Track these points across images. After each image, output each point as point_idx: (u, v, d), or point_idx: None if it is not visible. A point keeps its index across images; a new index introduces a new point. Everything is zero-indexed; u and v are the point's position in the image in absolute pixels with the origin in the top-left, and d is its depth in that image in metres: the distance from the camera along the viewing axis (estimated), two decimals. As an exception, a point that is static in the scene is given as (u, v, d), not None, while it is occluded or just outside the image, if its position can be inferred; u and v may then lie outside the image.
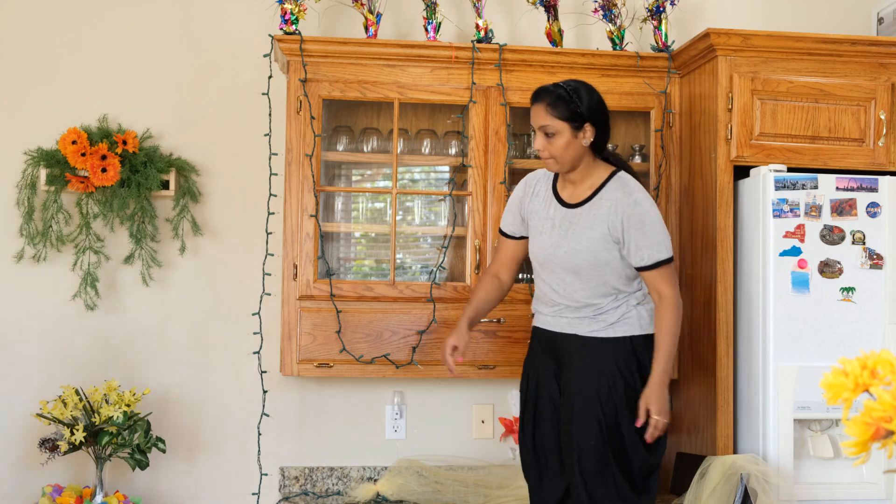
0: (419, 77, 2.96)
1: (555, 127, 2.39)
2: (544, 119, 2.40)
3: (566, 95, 2.39)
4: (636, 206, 2.39)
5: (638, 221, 2.39)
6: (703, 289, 2.87)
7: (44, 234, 2.99)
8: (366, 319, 2.92)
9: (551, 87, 2.43)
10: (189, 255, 3.11)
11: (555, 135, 2.40)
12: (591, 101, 2.42)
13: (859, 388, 1.05)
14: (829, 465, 2.70)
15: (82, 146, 2.96)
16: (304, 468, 3.12)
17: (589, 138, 2.41)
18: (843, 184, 2.73)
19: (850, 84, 2.84)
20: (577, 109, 2.39)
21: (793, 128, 2.82)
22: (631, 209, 2.39)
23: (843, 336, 2.69)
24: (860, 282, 2.71)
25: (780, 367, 2.66)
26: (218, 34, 3.17)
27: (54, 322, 3.05)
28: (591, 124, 2.41)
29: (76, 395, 2.80)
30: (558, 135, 2.39)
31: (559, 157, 2.42)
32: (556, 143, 2.40)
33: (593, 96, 2.43)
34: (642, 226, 2.39)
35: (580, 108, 2.39)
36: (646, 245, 2.39)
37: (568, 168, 2.45)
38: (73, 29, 3.12)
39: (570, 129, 2.39)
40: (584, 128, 2.40)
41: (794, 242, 2.69)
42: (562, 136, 2.39)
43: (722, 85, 2.80)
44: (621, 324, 2.44)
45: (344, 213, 3.18)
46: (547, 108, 2.40)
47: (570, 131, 2.39)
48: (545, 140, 2.41)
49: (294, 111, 2.89)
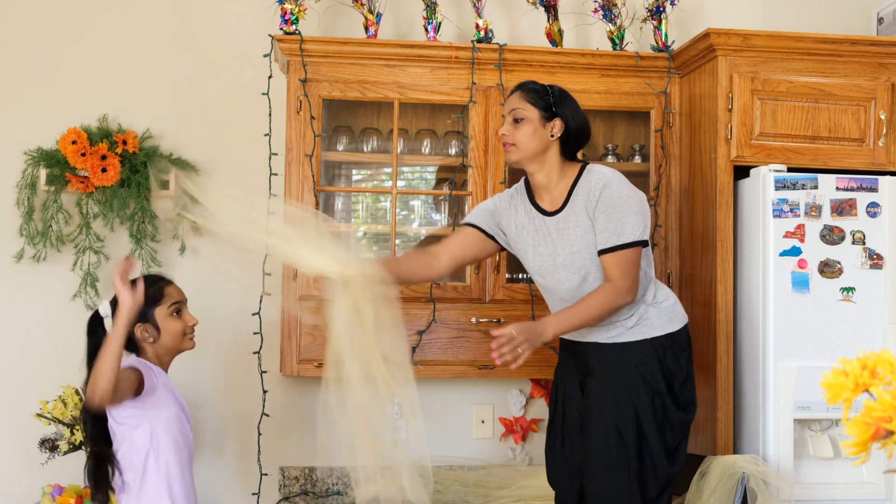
0: (419, 77, 2.96)
1: (525, 112, 2.36)
2: (517, 103, 2.38)
3: (542, 90, 2.39)
4: (605, 188, 2.33)
5: (605, 204, 2.32)
6: (702, 289, 2.87)
7: (44, 234, 3.00)
8: None
9: (531, 83, 2.43)
10: (189, 255, 3.11)
11: (523, 120, 2.36)
12: (569, 104, 2.40)
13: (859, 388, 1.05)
14: (829, 465, 2.69)
15: (82, 146, 2.96)
16: (304, 468, 3.12)
17: (556, 132, 2.37)
18: (843, 184, 2.72)
19: (850, 84, 2.84)
20: (551, 103, 2.37)
21: (793, 128, 2.82)
22: (599, 191, 2.33)
23: (843, 336, 2.68)
24: (860, 282, 2.70)
25: (780, 367, 2.65)
26: (218, 34, 3.17)
27: (54, 322, 3.05)
28: (562, 121, 2.38)
29: (76, 395, 2.78)
30: (526, 121, 2.36)
31: (521, 144, 2.36)
32: (523, 128, 2.36)
33: (572, 102, 2.42)
34: (608, 208, 2.31)
35: (556, 105, 2.37)
36: (608, 227, 2.31)
37: (527, 158, 2.38)
38: (72, 29, 3.13)
39: (540, 117, 2.36)
40: (553, 121, 2.37)
41: (794, 242, 2.69)
42: (530, 122, 2.36)
43: (722, 85, 2.80)
44: (640, 326, 2.37)
45: (344, 213, 3.18)
46: (523, 94, 2.39)
47: (539, 119, 2.36)
48: (512, 126, 2.38)
49: (294, 111, 2.90)
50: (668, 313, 2.40)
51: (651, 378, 2.34)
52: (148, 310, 2.28)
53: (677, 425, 2.37)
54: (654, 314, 2.38)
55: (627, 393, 2.33)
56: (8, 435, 3.01)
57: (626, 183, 2.37)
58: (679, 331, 2.41)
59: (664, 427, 2.34)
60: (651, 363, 2.35)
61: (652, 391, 2.33)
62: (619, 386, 2.34)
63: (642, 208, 2.35)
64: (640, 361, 2.35)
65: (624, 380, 2.34)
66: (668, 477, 2.35)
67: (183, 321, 2.35)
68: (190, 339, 2.36)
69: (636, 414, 2.32)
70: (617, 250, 2.30)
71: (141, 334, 2.30)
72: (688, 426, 2.40)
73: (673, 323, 2.40)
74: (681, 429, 2.38)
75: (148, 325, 2.30)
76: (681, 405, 2.37)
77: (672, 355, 2.37)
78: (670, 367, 2.36)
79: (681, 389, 2.37)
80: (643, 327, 2.37)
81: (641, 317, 2.37)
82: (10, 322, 3.06)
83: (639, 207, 2.34)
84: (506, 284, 2.97)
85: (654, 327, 2.37)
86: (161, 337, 2.31)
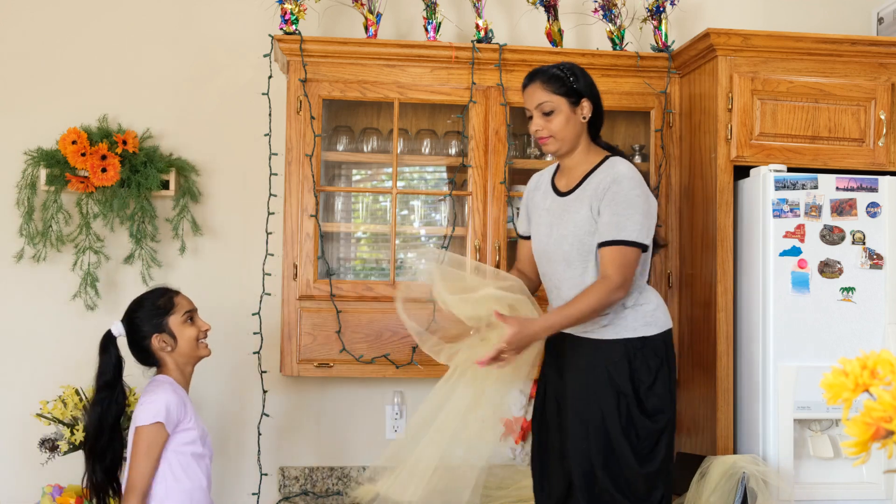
0: (419, 77, 2.96)
1: (553, 103, 2.33)
2: (541, 96, 2.33)
3: (560, 73, 2.35)
4: (616, 183, 2.29)
5: (611, 199, 2.28)
6: (702, 289, 2.87)
7: (44, 234, 3.00)
8: (366, 319, 2.92)
9: (544, 67, 2.38)
10: (189, 254, 3.11)
11: (553, 112, 2.33)
12: (585, 78, 2.38)
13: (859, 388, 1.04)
14: (829, 465, 2.69)
15: (82, 146, 2.96)
16: (304, 468, 3.12)
17: (587, 114, 2.35)
18: (843, 184, 2.72)
19: (850, 84, 2.84)
20: (573, 85, 2.34)
21: (793, 128, 2.82)
22: (608, 185, 2.30)
23: (843, 336, 2.67)
24: (860, 282, 2.70)
25: (780, 367, 2.65)
26: (218, 34, 3.17)
27: (54, 322, 3.06)
28: (588, 99, 2.35)
29: (76, 395, 2.78)
30: (557, 111, 2.33)
31: (558, 135, 2.33)
32: (555, 120, 2.33)
33: (586, 75, 2.39)
34: (614, 203, 2.27)
35: (576, 83, 2.34)
36: (611, 222, 2.27)
37: (568, 147, 2.36)
38: (72, 28, 3.12)
39: (568, 104, 2.33)
40: (581, 103, 2.34)
41: (794, 242, 2.69)
42: (560, 111, 2.33)
43: (722, 85, 2.80)
44: (614, 326, 2.32)
45: (344, 212, 3.18)
46: (543, 85, 2.34)
47: (568, 106, 2.33)
48: (543, 119, 2.34)
49: (294, 111, 2.89)
50: (646, 317, 2.34)
51: (618, 378, 2.29)
52: (162, 320, 2.36)
53: (643, 431, 2.29)
54: (630, 316, 2.32)
55: (595, 390, 2.30)
56: (8, 435, 3.01)
57: (640, 184, 2.32)
58: (655, 336, 2.34)
59: (629, 430, 2.28)
60: (621, 363, 2.29)
61: (617, 392, 2.28)
62: (589, 382, 2.31)
63: (649, 212, 2.31)
64: (611, 360, 2.30)
65: (593, 376, 2.31)
66: (647, 478, 2.28)
67: (196, 327, 2.42)
68: (205, 347, 2.44)
69: (601, 412, 2.29)
70: (616, 245, 2.27)
71: (158, 344, 2.38)
72: (656, 434, 2.30)
73: (649, 327, 2.33)
74: (648, 435, 2.30)
75: (164, 334, 2.38)
76: (647, 411, 2.30)
77: (642, 358, 2.31)
78: (638, 369, 2.30)
79: (646, 394, 2.30)
80: (616, 327, 2.32)
81: (617, 316, 2.32)
82: (10, 322, 3.06)
83: (646, 210, 2.30)
84: (506, 284, 2.97)
85: (628, 328, 2.32)
86: (178, 345, 2.38)
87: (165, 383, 2.36)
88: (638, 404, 2.29)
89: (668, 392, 2.33)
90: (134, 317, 2.39)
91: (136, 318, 2.39)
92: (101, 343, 2.40)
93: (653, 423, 2.31)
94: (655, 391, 2.31)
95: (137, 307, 2.41)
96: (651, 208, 2.33)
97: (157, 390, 2.34)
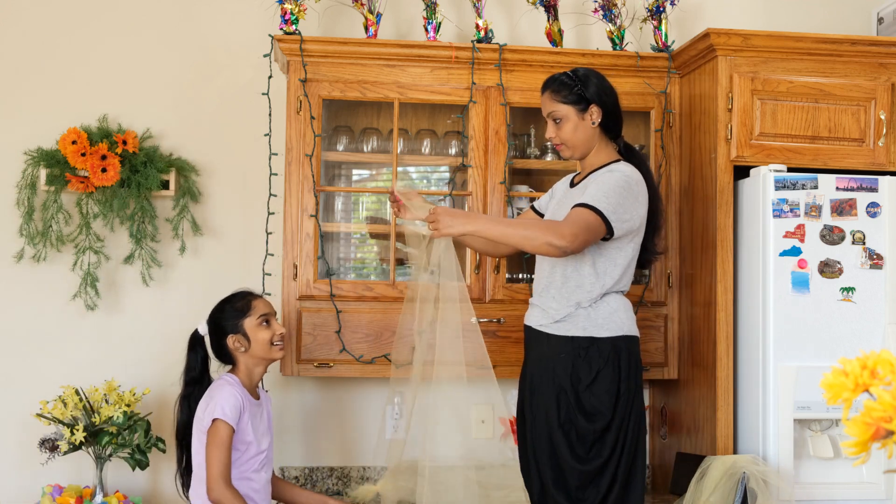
0: (419, 77, 2.95)
1: (560, 112, 2.44)
2: (550, 105, 2.46)
3: (569, 80, 2.44)
4: (608, 173, 2.40)
5: (598, 181, 2.38)
6: (703, 289, 2.87)
7: (44, 234, 2.99)
8: (366, 319, 2.91)
9: (557, 75, 2.49)
10: (189, 255, 3.11)
11: (562, 120, 2.44)
12: (598, 84, 2.45)
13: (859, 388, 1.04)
14: (829, 465, 2.70)
15: (82, 146, 2.95)
16: (304, 468, 3.12)
17: (596, 119, 2.44)
18: (843, 184, 2.72)
19: (850, 84, 2.84)
20: (580, 92, 2.42)
21: (793, 128, 2.82)
22: (601, 174, 2.41)
23: (843, 336, 2.68)
24: (860, 282, 2.70)
25: (780, 367, 2.65)
26: (218, 34, 3.17)
27: (54, 322, 3.06)
28: (598, 105, 2.43)
29: (76, 395, 2.79)
30: (565, 119, 2.44)
31: (569, 142, 2.45)
32: (564, 128, 2.44)
33: (602, 81, 2.46)
34: (597, 182, 2.37)
35: (585, 91, 2.42)
36: (588, 193, 2.35)
37: (582, 152, 2.47)
38: (72, 28, 3.12)
39: (576, 111, 2.43)
40: (589, 109, 2.43)
41: (794, 242, 2.69)
42: (568, 120, 2.44)
43: (722, 85, 2.80)
44: (565, 323, 2.37)
45: (344, 212, 3.17)
46: (551, 95, 2.45)
47: (576, 114, 2.43)
48: (554, 127, 2.46)
49: (294, 111, 2.89)
50: (598, 319, 2.36)
51: (560, 374, 2.35)
52: (238, 322, 2.48)
53: (581, 430, 2.33)
54: (583, 316, 2.36)
55: (540, 383, 2.38)
56: (8, 435, 3.01)
57: (633, 183, 2.37)
58: (604, 338, 2.35)
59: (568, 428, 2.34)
60: (566, 360, 2.35)
61: (558, 387, 2.35)
62: (536, 374, 2.40)
63: (627, 206, 2.34)
64: (557, 357, 2.36)
65: (541, 369, 2.39)
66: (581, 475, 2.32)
67: (271, 330, 2.50)
68: (279, 349, 2.53)
69: (544, 405, 2.36)
70: (582, 207, 2.31)
71: (233, 345, 2.48)
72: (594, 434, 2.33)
73: (600, 329, 2.35)
74: (585, 436, 2.33)
75: (239, 335, 2.48)
76: (585, 410, 2.33)
77: (585, 357, 2.34)
78: (579, 368, 2.34)
79: (585, 393, 2.33)
80: (567, 324, 2.37)
81: (569, 315, 2.37)
82: (10, 322, 3.05)
83: (624, 202, 2.33)
84: (506, 284, 2.97)
85: (578, 327, 2.36)
86: (251, 346, 2.48)
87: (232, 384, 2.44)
88: (576, 402, 2.34)
89: (607, 395, 2.34)
90: (216, 317, 2.51)
91: (217, 319, 2.51)
92: (189, 342, 2.54)
93: (589, 423, 2.33)
94: (593, 391, 2.34)
95: (220, 309, 2.52)
96: (628, 200, 2.34)
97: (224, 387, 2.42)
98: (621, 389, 2.35)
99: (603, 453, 2.34)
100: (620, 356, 2.36)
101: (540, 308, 2.44)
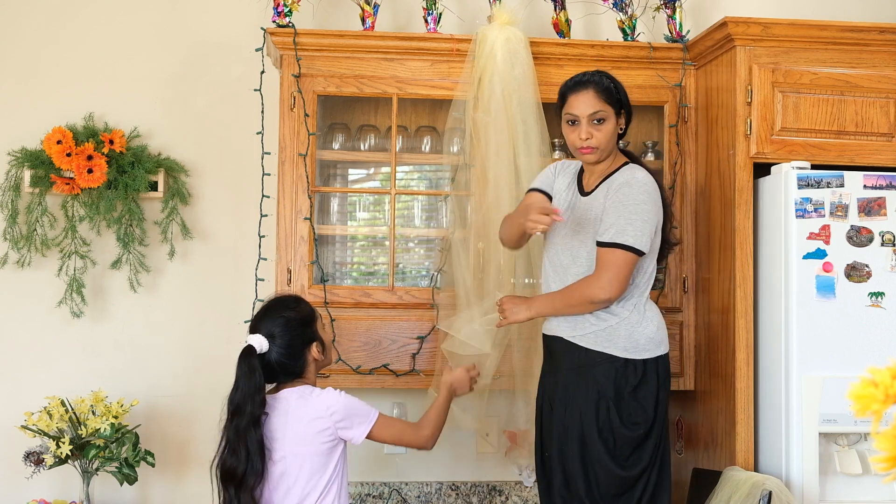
0: (419, 71, 2.92)
1: (606, 112, 2.43)
2: (596, 105, 2.42)
3: (610, 83, 2.47)
4: (626, 186, 2.39)
5: (619, 201, 2.38)
6: (720, 294, 2.80)
7: (28, 239, 2.99)
8: (363, 327, 2.87)
9: (596, 76, 2.48)
10: (179, 259, 3.11)
11: (604, 121, 2.43)
12: (625, 91, 2.50)
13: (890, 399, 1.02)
14: (858, 482, 2.64)
15: (67, 146, 2.95)
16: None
17: (623, 125, 2.49)
18: (872, 181, 2.66)
19: (878, 75, 2.78)
20: (618, 96, 2.47)
21: (817, 122, 2.76)
22: (618, 187, 2.40)
23: (871, 344, 2.62)
24: (890, 286, 2.64)
25: (804, 377, 2.60)
26: (208, 28, 3.18)
27: (39, 330, 3.06)
28: (626, 112, 2.49)
29: (62, 407, 2.80)
30: (607, 120, 2.44)
31: (602, 144, 2.43)
32: (605, 129, 2.43)
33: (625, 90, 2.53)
34: (621, 205, 2.37)
35: (620, 95, 2.47)
36: (613, 223, 2.36)
37: (606, 156, 2.47)
38: (56, 23, 3.13)
39: (615, 114, 2.46)
40: (621, 114, 2.48)
41: (819, 244, 2.63)
42: (610, 121, 2.44)
43: (740, 77, 2.75)
44: (607, 336, 2.36)
45: (340, 214, 3.15)
46: (598, 95, 2.44)
47: (615, 117, 2.46)
48: (593, 127, 2.42)
49: (287, 108, 2.86)
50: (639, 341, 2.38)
51: (602, 381, 2.36)
52: (314, 328, 2.37)
53: (620, 439, 2.35)
54: (623, 332, 2.37)
55: (576, 390, 2.38)
56: (-9, 448, 3.01)
57: (651, 191, 2.40)
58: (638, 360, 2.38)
59: (607, 434, 2.34)
60: (607, 368, 2.36)
61: (597, 394, 2.36)
62: (572, 382, 2.39)
63: (651, 220, 2.39)
64: (597, 365, 2.37)
65: (577, 377, 2.38)
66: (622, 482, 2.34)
67: (327, 334, 2.48)
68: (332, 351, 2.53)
69: (580, 415, 2.36)
70: (612, 247, 2.35)
71: (317, 353, 2.37)
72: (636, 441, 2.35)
73: (641, 352, 2.38)
74: (626, 442, 2.35)
75: (318, 343, 2.38)
76: (627, 416, 2.36)
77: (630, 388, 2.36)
78: (622, 374, 2.36)
79: (628, 398, 2.36)
80: (608, 340, 2.37)
81: (610, 327, 2.37)
82: (-7, 330, 3.08)
83: (648, 218, 2.38)
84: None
85: (617, 346, 2.37)
86: (326, 352, 2.42)
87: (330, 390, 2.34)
88: (617, 409, 2.36)
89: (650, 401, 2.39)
90: (289, 327, 2.32)
91: (291, 329, 2.32)
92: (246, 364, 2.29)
93: (629, 430, 2.37)
94: (637, 396, 2.38)
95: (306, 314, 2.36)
96: (654, 216, 2.40)
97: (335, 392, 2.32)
98: (660, 396, 2.41)
99: (643, 458, 2.37)
100: (659, 366, 2.43)
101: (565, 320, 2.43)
